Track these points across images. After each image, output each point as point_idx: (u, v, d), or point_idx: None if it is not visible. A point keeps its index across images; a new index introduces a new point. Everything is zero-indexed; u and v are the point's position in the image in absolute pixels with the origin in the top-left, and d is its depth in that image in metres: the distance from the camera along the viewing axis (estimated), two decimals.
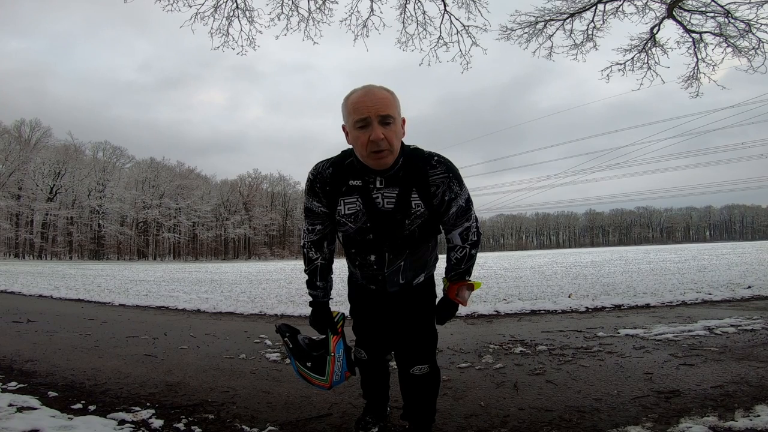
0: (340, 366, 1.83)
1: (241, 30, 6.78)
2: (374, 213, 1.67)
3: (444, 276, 1.86)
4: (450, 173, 1.67)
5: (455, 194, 1.69)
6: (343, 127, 1.66)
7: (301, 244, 1.87)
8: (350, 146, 1.68)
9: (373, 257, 1.75)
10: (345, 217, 1.70)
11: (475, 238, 1.78)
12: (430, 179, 1.66)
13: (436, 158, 1.68)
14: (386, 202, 1.66)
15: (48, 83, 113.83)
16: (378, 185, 1.66)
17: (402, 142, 1.68)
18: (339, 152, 1.75)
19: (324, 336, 1.87)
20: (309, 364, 1.81)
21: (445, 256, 1.89)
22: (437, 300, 1.90)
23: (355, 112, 1.55)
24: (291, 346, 1.83)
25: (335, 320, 1.87)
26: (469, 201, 1.74)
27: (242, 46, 6.86)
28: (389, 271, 1.77)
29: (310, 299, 1.88)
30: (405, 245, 1.73)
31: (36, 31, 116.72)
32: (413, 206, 1.66)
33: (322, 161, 1.75)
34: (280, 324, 1.90)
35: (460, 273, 1.81)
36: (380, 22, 6.90)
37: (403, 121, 1.67)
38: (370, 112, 1.53)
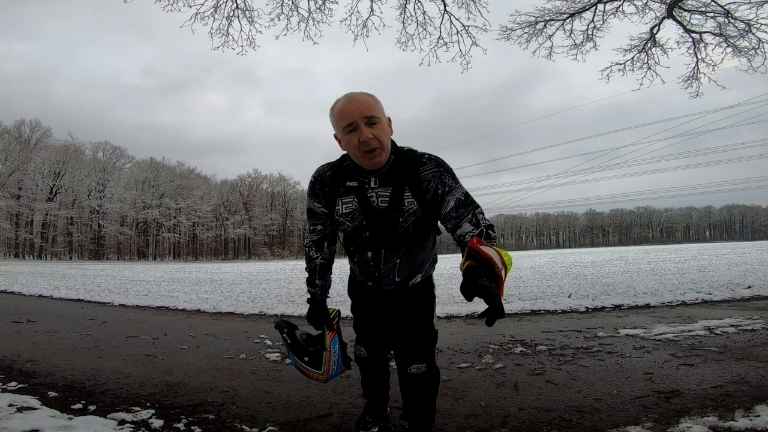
0: (336, 360, 1.89)
1: (241, 30, 6.80)
2: (369, 211, 1.73)
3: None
4: (441, 168, 1.71)
5: (449, 187, 1.69)
6: (335, 136, 1.75)
7: (304, 243, 1.96)
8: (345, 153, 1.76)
9: (369, 254, 1.81)
10: (343, 216, 1.77)
11: (488, 222, 1.64)
12: (422, 175, 1.70)
13: (426, 156, 1.75)
14: (380, 200, 1.72)
15: (52, 86, 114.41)
16: (373, 185, 1.73)
17: (394, 143, 1.75)
18: (339, 156, 1.83)
19: (321, 332, 1.93)
20: (306, 359, 1.88)
21: (445, 256, 1.88)
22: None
23: (342, 118, 1.65)
24: (289, 341, 1.90)
25: (331, 317, 1.92)
26: (468, 195, 1.70)
27: (242, 46, 6.88)
28: (385, 268, 1.81)
29: (308, 296, 1.95)
30: (401, 243, 1.77)
31: (41, 35, 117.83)
32: (406, 204, 1.70)
33: (322, 165, 1.85)
34: (279, 320, 1.97)
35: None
36: (380, 22, 6.92)
37: (389, 120, 1.74)
38: (355, 116, 1.62)
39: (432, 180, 1.70)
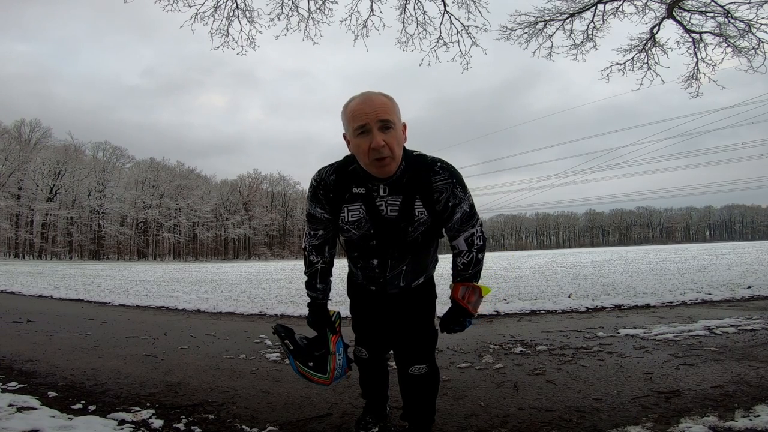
0: (341, 363, 1.86)
1: (241, 30, 6.80)
2: (378, 221, 1.66)
3: (451, 283, 1.83)
4: (453, 179, 1.66)
5: (459, 200, 1.68)
6: (344, 136, 1.65)
7: (303, 246, 1.88)
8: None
9: (375, 261, 1.76)
10: (348, 224, 1.70)
11: (481, 243, 1.77)
12: (434, 185, 1.65)
13: (439, 164, 1.67)
14: (390, 209, 1.66)
15: (52, 86, 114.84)
16: (381, 193, 1.65)
17: (404, 148, 1.67)
18: (342, 157, 1.74)
19: (319, 334, 1.89)
20: (311, 364, 1.84)
21: (445, 256, 1.89)
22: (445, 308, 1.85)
23: (354, 119, 1.55)
24: (292, 347, 1.85)
25: (333, 320, 1.88)
26: (473, 207, 1.73)
27: (242, 46, 6.89)
28: (391, 275, 1.77)
29: (309, 300, 1.89)
30: (408, 251, 1.74)
31: (42, 36, 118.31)
32: (417, 214, 1.66)
33: (325, 167, 1.73)
34: (276, 325, 1.92)
35: (467, 278, 1.78)
36: (380, 22, 6.92)
37: (404, 126, 1.65)
38: (369, 118, 1.52)
39: (444, 192, 1.65)
